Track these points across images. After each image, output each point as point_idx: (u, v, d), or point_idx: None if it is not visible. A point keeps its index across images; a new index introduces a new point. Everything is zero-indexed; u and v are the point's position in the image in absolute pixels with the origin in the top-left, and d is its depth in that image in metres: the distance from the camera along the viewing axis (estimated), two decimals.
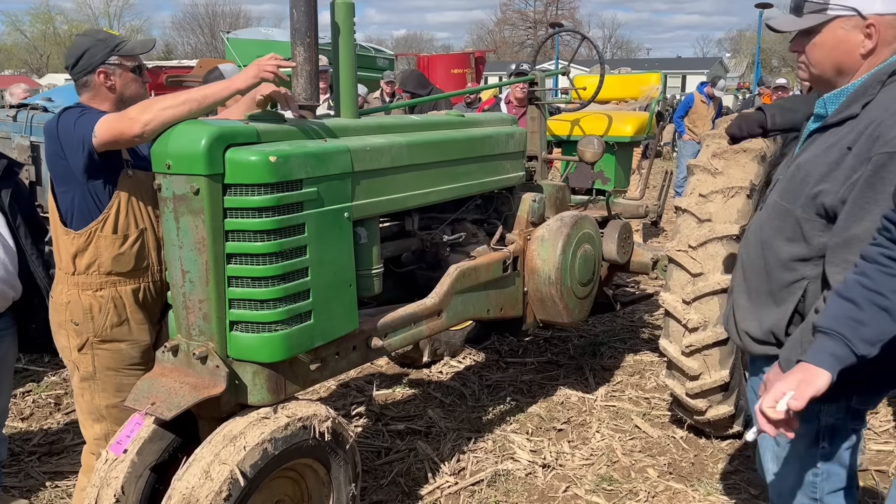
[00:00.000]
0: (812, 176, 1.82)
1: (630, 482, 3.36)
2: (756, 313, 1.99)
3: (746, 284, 2.03)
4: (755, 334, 1.99)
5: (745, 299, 2.03)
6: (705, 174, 3.45)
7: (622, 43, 67.26)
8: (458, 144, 3.07)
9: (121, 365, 2.62)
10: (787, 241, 1.89)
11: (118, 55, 2.54)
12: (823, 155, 1.82)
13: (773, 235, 1.93)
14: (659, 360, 4.66)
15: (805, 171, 1.85)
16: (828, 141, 1.83)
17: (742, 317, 2.04)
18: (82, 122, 2.42)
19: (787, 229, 1.89)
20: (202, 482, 2.11)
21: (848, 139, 1.77)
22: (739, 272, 2.08)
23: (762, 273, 1.97)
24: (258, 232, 2.20)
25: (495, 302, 3.33)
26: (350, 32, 2.67)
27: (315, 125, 2.50)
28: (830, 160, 1.79)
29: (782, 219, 1.90)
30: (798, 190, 1.86)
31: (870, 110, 1.77)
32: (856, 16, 1.78)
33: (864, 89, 1.81)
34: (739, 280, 2.07)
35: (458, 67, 14.79)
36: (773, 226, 1.93)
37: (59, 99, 6.21)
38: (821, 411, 1.92)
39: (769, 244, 1.94)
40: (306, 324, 2.35)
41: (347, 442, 2.50)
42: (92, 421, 2.66)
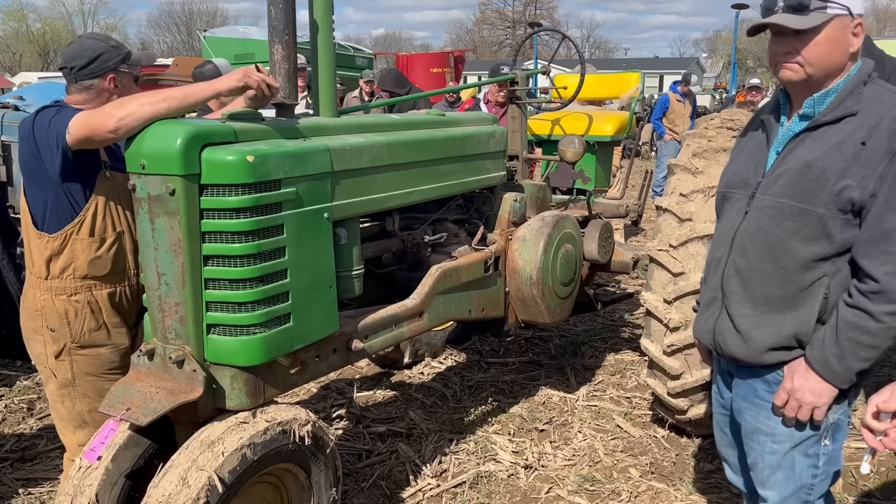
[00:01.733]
0: (830, 173, 1.80)
1: (612, 482, 3.35)
2: (770, 320, 1.92)
3: (748, 293, 1.96)
4: (771, 342, 1.92)
5: (750, 308, 1.96)
6: (686, 173, 3.46)
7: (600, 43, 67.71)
8: (439, 144, 3.04)
9: (101, 370, 2.57)
10: (805, 242, 1.86)
11: (128, 64, 2.57)
12: (836, 152, 1.81)
13: (786, 237, 1.88)
14: (640, 359, 4.67)
15: (820, 168, 1.82)
16: (833, 138, 1.83)
17: (750, 326, 1.96)
18: (57, 120, 2.37)
19: (804, 229, 1.85)
20: (179, 489, 2.07)
21: (859, 135, 1.79)
22: (735, 282, 1.99)
23: (773, 278, 1.91)
24: (236, 233, 2.16)
25: (477, 302, 3.31)
26: (329, 30, 2.63)
27: (294, 124, 2.46)
28: (846, 156, 1.79)
29: (797, 219, 1.86)
30: (814, 189, 1.83)
31: (870, 107, 1.80)
32: (848, 15, 1.81)
33: (851, 88, 1.85)
34: (736, 289, 1.99)
35: (437, 67, 14.76)
36: (785, 227, 1.88)
37: (31, 98, 6.10)
38: (831, 409, 1.90)
39: (782, 247, 1.89)
40: (285, 326, 2.31)
41: (328, 446, 2.47)
42: (73, 427, 2.61)
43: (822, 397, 1.85)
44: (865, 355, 1.80)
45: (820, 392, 1.85)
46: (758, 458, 2.05)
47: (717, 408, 2.29)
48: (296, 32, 2.46)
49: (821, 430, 1.93)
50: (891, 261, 1.74)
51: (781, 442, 1.98)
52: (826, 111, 1.87)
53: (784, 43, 1.86)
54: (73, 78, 2.52)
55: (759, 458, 2.04)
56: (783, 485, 2.00)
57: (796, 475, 1.98)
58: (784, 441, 1.97)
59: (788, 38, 1.84)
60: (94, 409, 2.54)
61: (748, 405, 2.05)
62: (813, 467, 1.96)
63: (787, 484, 2.00)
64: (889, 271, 1.74)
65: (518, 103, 4.28)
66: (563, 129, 4.60)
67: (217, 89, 2.35)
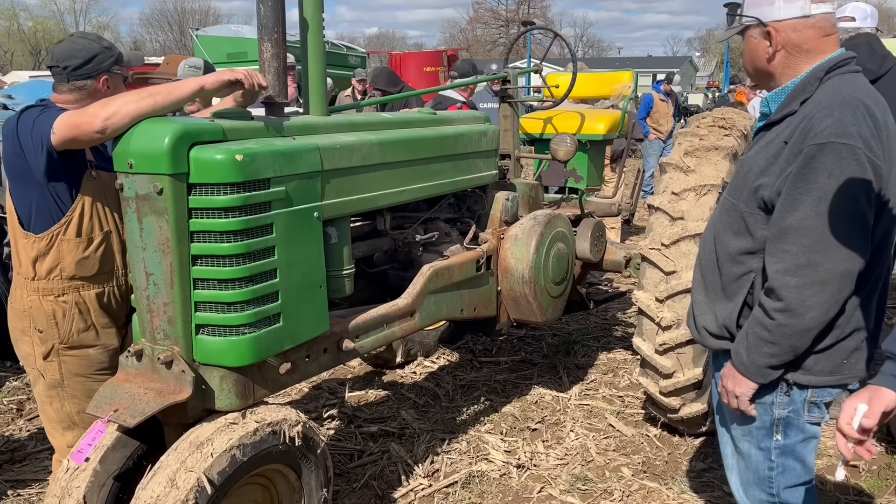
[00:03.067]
0: (753, 171, 1.91)
1: (604, 481, 3.35)
2: (711, 307, 2.05)
3: (703, 280, 2.09)
4: (712, 329, 2.05)
5: (702, 294, 2.09)
6: (678, 172, 3.46)
7: (593, 42, 67.78)
8: (431, 142, 3.03)
9: (89, 370, 2.56)
10: (734, 236, 1.96)
11: (119, 66, 2.57)
12: (763, 150, 1.91)
13: (722, 230, 2.00)
14: (632, 358, 4.67)
15: (747, 166, 1.95)
16: (768, 137, 1.92)
17: (700, 311, 2.09)
18: (41, 120, 2.34)
19: (734, 224, 1.96)
20: (168, 491, 2.05)
21: (784, 134, 1.86)
22: (697, 269, 2.14)
23: (715, 268, 2.03)
24: (224, 233, 2.14)
25: (469, 301, 3.30)
26: (319, 28, 2.61)
27: (283, 123, 2.44)
28: (769, 155, 1.88)
29: (730, 214, 1.98)
30: (741, 185, 1.95)
31: (806, 106, 1.85)
32: (759, 24, 1.92)
33: (802, 87, 1.89)
34: (697, 276, 2.14)
35: (430, 65, 14.76)
36: (723, 221, 2.00)
37: (21, 97, 6.06)
38: (773, 403, 1.96)
39: (720, 239, 2.01)
40: (275, 326, 2.30)
41: (318, 446, 2.45)
42: (63, 429, 2.59)
43: (738, 387, 1.94)
44: (767, 351, 1.85)
45: (737, 381, 1.94)
46: (723, 445, 2.17)
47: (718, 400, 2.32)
48: (285, 31, 2.44)
49: (769, 424, 1.98)
50: (784, 258, 1.78)
51: (734, 428, 2.08)
52: (777, 111, 1.94)
53: None
54: (66, 77, 2.48)
55: (724, 445, 2.16)
56: (743, 474, 2.10)
57: (753, 467, 2.05)
58: (736, 427, 2.07)
59: None
60: (82, 410, 2.52)
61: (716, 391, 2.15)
62: (767, 460, 2.01)
63: (746, 473, 2.08)
64: (780, 269, 1.79)
65: (510, 102, 4.26)
66: (555, 128, 4.59)
67: (202, 84, 2.33)
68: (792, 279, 1.77)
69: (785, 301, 1.78)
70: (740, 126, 3.64)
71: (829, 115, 1.75)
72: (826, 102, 1.79)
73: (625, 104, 4.84)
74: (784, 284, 1.78)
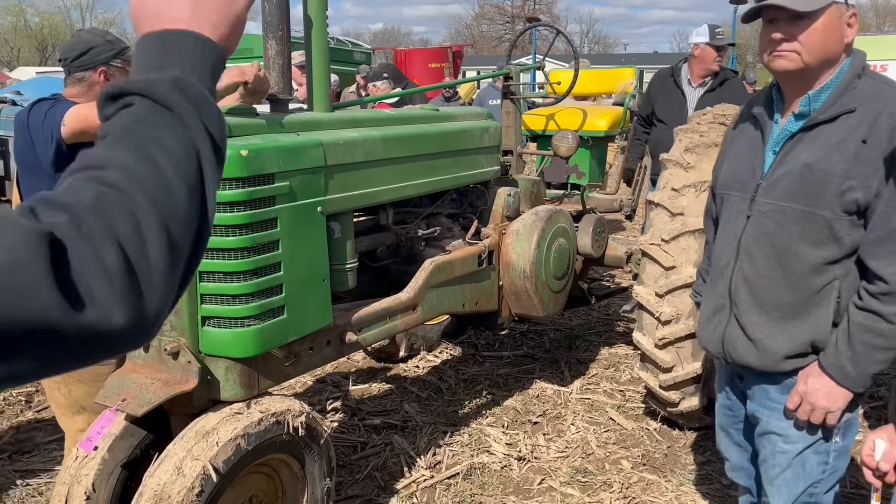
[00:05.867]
0: (833, 174, 1.76)
1: (604, 474, 3.39)
2: (783, 328, 1.89)
3: (758, 300, 1.93)
4: (787, 351, 1.90)
5: (761, 316, 1.92)
6: (678, 168, 3.49)
7: (599, 38, 67.56)
8: (433, 138, 3.06)
9: None
10: (813, 246, 1.82)
11: (122, 59, 2.57)
12: (837, 152, 1.77)
13: (793, 242, 1.85)
14: (634, 352, 4.69)
15: (821, 170, 1.78)
16: (832, 137, 1.79)
17: (765, 335, 1.92)
18: (53, 112, 2.40)
19: (811, 233, 1.82)
20: (174, 478, 2.10)
21: (858, 133, 1.75)
22: (744, 289, 1.95)
23: (782, 284, 1.88)
24: (230, 226, 2.19)
25: (470, 296, 3.34)
26: (322, 25, 2.66)
27: (287, 119, 2.49)
28: (847, 156, 1.75)
29: (802, 223, 1.82)
30: (818, 191, 1.79)
31: (867, 103, 1.76)
32: (843, 4, 1.78)
33: (846, 84, 1.80)
34: (745, 297, 1.95)
35: (435, 62, 14.77)
36: (792, 232, 1.84)
37: (29, 92, 6.12)
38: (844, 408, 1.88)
39: (790, 252, 1.85)
40: (279, 319, 2.34)
41: (322, 437, 2.50)
42: (72, 413, 2.64)
43: (836, 402, 1.83)
44: (880, 357, 1.78)
45: (835, 397, 1.83)
46: (768, 457, 2.03)
47: (723, 410, 2.27)
48: (290, 27, 2.48)
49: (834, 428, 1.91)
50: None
51: (794, 443, 1.96)
52: (822, 109, 1.82)
53: (779, 29, 1.78)
54: (68, 70, 2.56)
55: (769, 456, 2.02)
56: (792, 482, 1.98)
57: (806, 473, 1.95)
58: (796, 442, 1.95)
59: (784, 24, 1.77)
60: (90, 394, 2.56)
61: (760, 408, 2.02)
62: (823, 463, 1.94)
63: (797, 482, 1.97)
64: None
65: (512, 98, 4.30)
66: (558, 124, 4.62)
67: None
68: None
69: None
70: None
71: None
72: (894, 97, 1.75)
73: (627, 101, 4.86)
74: None
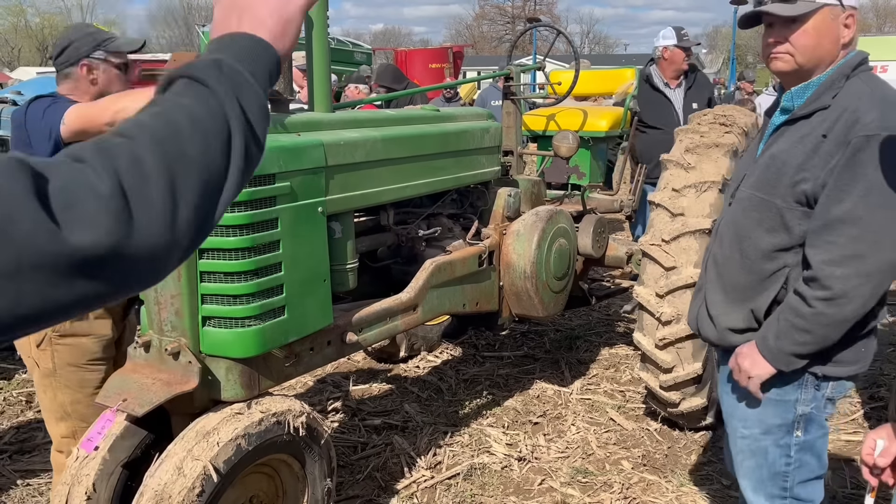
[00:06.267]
0: (789, 166, 1.86)
1: (605, 474, 3.39)
2: (737, 307, 2.00)
3: (721, 280, 2.04)
4: (737, 326, 2.01)
5: (721, 295, 2.04)
6: (678, 169, 3.49)
7: (600, 38, 67.56)
8: (434, 139, 3.07)
9: (82, 360, 2.57)
10: (767, 232, 1.91)
11: (105, 50, 2.52)
12: (799, 145, 1.86)
13: (751, 228, 1.95)
14: (634, 353, 4.69)
15: (781, 161, 1.88)
16: (800, 131, 1.87)
17: (720, 312, 2.04)
18: (52, 110, 2.39)
19: (766, 220, 1.91)
20: (175, 478, 2.10)
21: (822, 128, 1.82)
22: (713, 269, 2.08)
23: (740, 267, 1.98)
24: (231, 227, 2.19)
25: (471, 296, 3.34)
26: (323, 26, 2.66)
27: (288, 119, 2.49)
28: (807, 149, 1.83)
29: (760, 210, 1.92)
30: (775, 180, 1.89)
31: (840, 100, 1.82)
32: (838, 6, 1.84)
33: (830, 82, 1.86)
34: (712, 277, 2.07)
35: (435, 62, 14.76)
36: (751, 218, 1.95)
37: (30, 93, 6.11)
38: (798, 400, 1.95)
39: (747, 237, 1.95)
40: (280, 319, 2.34)
41: (322, 437, 2.50)
42: (56, 419, 2.62)
43: (755, 368, 1.92)
44: (799, 338, 1.84)
45: (755, 363, 1.92)
46: (733, 444, 2.11)
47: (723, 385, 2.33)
48: None
49: (791, 421, 1.97)
50: (829, 250, 1.78)
51: (751, 427, 2.03)
52: (804, 105, 1.90)
53: (774, 33, 1.88)
54: (56, 68, 2.56)
55: (733, 443, 2.11)
56: (755, 472, 2.05)
57: (769, 463, 2.02)
58: (753, 426, 2.02)
59: (779, 27, 1.87)
60: (75, 400, 2.56)
61: (725, 391, 2.12)
62: (785, 456, 2.00)
63: (759, 471, 2.05)
64: (824, 259, 1.78)
65: (513, 99, 4.30)
66: (558, 125, 4.62)
67: None
68: (837, 269, 1.76)
69: (830, 290, 1.77)
70: (741, 123, 3.67)
71: (874, 109, 1.76)
72: (867, 97, 1.79)
73: (627, 101, 4.87)
74: (829, 275, 1.76)
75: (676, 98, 5.19)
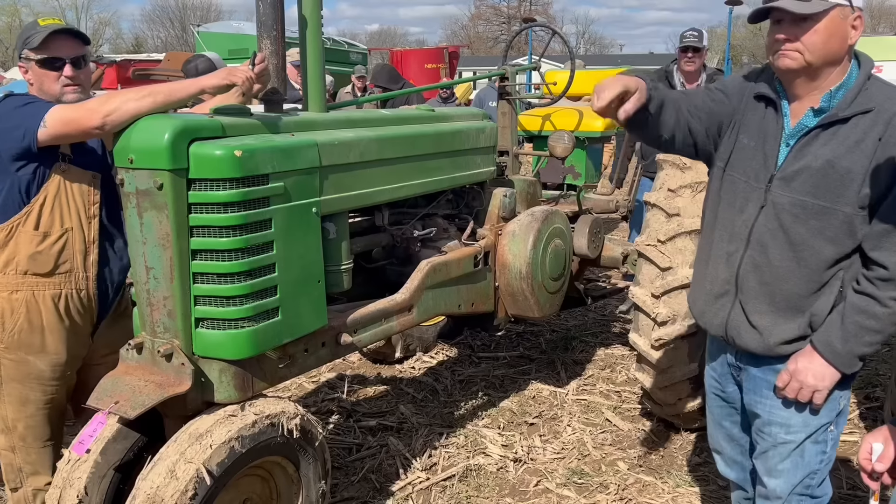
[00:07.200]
0: (854, 173, 1.83)
1: (600, 475, 3.38)
2: (791, 317, 1.95)
3: (767, 289, 1.97)
4: (790, 337, 1.95)
5: (768, 304, 1.97)
6: (674, 169, 3.48)
7: (595, 39, 67.60)
8: (429, 139, 3.05)
9: (26, 378, 2.46)
10: (829, 241, 1.88)
11: (28, 48, 2.39)
12: (858, 150, 1.84)
13: (810, 237, 1.89)
14: (630, 353, 4.69)
15: (843, 168, 1.84)
16: (851, 136, 1.85)
17: (769, 324, 1.97)
18: (29, 109, 2.31)
19: (829, 229, 1.87)
20: (167, 481, 2.08)
21: (875, 131, 1.82)
22: (753, 278, 1.99)
23: (795, 276, 1.92)
24: (224, 227, 2.17)
25: (466, 297, 3.33)
26: (317, 25, 2.64)
27: (282, 119, 2.47)
28: (868, 154, 1.82)
29: (821, 219, 1.87)
30: (840, 188, 1.84)
31: (882, 103, 1.83)
32: (848, 6, 1.84)
33: (860, 85, 1.87)
34: (754, 285, 1.99)
35: (431, 62, 14.78)
36: (809, 227, 1.89)
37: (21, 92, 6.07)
38: (842, 396, 1.97)
39: (807, 246, 1.90)
40: (274, 320, 2.33)
41: (317, 439, 2.48)
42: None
43: (824, 380, 1.89)
44: (869, 339, 1.84)
45: (822, 375, 1.89)
46: (768, 448, 2.06)
47: (716, 402, 2.30)
48: (284, 27, 2.47)
49: (834, 416, 1.97)
50: None
51: (796, 432, 2.00)
52: (841, 107, 1.87)
53: (783, 30, 1.86)
54: None
55: (769, 447, 2.06)
56: (791, 472, 2.03)
57: (805, 462, 2.01)
58: (798, 431, 2.00)
59: (788, 25, 1.85)
60: (17, 418, 2.47)
61: (760, 398, 2.06)
62: (821, 453, 2.00)
63: (796, 472, 2.02)
64: None
65: (508, 99, 4.29)
66: (554, 125, 4.61)
67: (202, 86, 2.34)
68: None
69: None
70: None
71: None
72: None
73: None
74: None
75: None
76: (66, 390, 2.59)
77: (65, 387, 2.57)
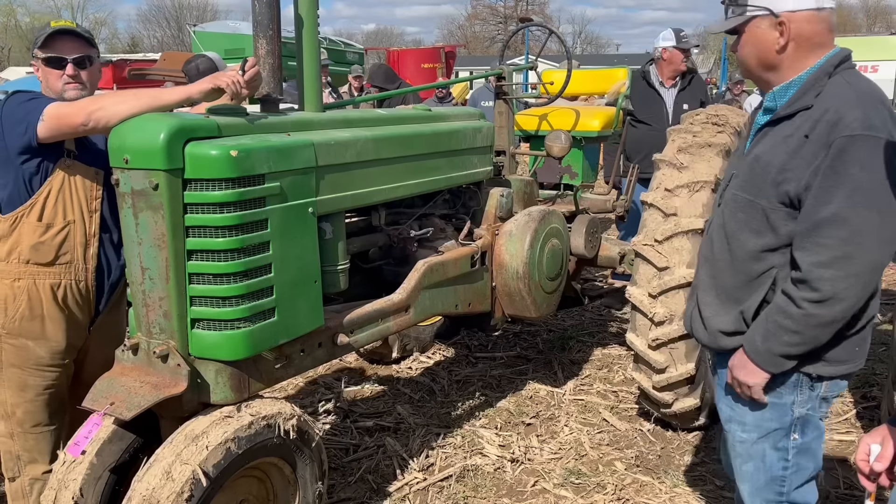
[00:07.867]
0: (773, 166, 1.87)
1: (598, 475, 3.38)
2: (728, 309, 2.00)
3: (713, 281, 2.04)
4: (727, 329, 2.00)
5: (713, 296, 2.04)
6: (671, 169, 3.48)
7: (592, 38, 67.64)
8: (425, 139, 3.05)
9: (26, 363, 2.51)
10: (753, 233, 1.92)
11: (36, 47, 2.50)
12: (781, 145, 1.87)
13: (738, 229, 1.95)
14: (627, 353, 4.69)
15: (764, 162, 1.90)
16: (783, 132, 1.89)
17: (711, 314, 2.04)
18: (32, 105, 2.38)
19: (752, 221, 1.92)
20: (163, 483, 2.07)
21: (804, 128, 1.83)
22: (705, 270, 2.08)
23: (729, 268, 1.99)
24: (219, 228, 2.17)
25: (463, 297, 3.32)
26: (313, 25, 2.64)
27: (278, 119, 2.46)
28: (789, 149, 1.85)
29: (746, 211, 1.94)
30: (759, 182, 1.90)
31: (822, 100, 1.84)
32: (769, 14, 1.88)
33: (813, 81, 1.88)
34: (705, 278, 2.08)
35: (428, 62, 14.77)
36: (738, 219, 1.96)
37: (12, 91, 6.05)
38: (794, 402, 1.95)
39: (735, 238, 1.96)
40: (270, 321, 2.32)
41: (313, 439, 2.48)
42: None
43: (754, 377, 1.92)
44: (787, 339, 1.85)
45: (749, 371, 1.92)
46: (731, 448, 2.11)
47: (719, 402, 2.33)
48: (280, 27, 2.46)
49: (788, 424, 1.97)
50: (819, 251, 1.78)
51: (749, 431, 2.03)
52: (786, 105, 1.91)
53: (733, 44, 2.02)
54: None
55: (731, 447, 2.10)
56: (754, 476, 2.05)
57: (766, 467, 2.02)
58: (752, 430, 2.02)
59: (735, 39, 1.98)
60: (16, 403, 2.51)
61: (722, 395, 2.11)
62: (783, 460, 2.00)
63: (758, 475, 2.04)
64: (813, 261, 1.79)
65: (505, 99, 4.29)
66: (550, 125, 4.61)
67: (189, 94, 2.36)
68: (827, 271, 1.76)
69: (820, 292, 1.77)
70: (733, 123, 3.66)
71: (856, 108, 1.76)
72: (847, 96, 1.79)
73: (620, 101, 4.86)
74: (819, 277, 1.77)
75: (668, 97, 5.32)
76: (66, 378, 2.64)
77: (64, 375, 2.61)
